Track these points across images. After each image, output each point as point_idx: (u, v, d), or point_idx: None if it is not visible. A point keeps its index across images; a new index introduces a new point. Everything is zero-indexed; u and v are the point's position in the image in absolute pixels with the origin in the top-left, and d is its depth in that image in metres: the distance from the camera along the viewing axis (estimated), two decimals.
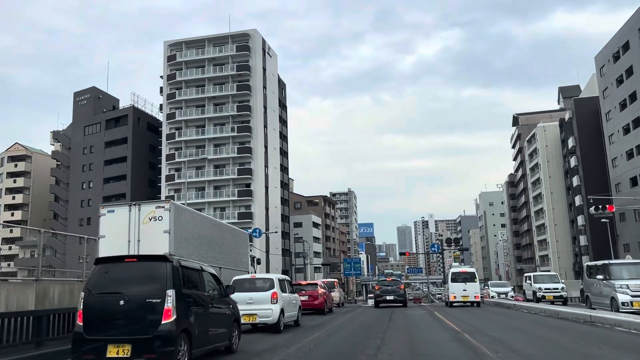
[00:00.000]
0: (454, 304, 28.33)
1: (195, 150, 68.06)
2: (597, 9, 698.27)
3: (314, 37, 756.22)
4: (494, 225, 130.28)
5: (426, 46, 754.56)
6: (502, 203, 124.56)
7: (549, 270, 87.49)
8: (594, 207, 34.90)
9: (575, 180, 73.30)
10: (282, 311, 14.88)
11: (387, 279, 30.42)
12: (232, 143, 67.65)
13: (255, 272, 31.57)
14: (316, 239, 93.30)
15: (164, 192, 68.70)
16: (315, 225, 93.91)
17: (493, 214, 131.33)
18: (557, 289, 26.82)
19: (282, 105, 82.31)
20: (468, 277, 27.96)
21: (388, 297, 28.59)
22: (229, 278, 17.06)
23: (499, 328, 14.37)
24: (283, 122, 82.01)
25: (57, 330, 11.18)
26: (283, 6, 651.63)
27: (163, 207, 16.43)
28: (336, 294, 30.93)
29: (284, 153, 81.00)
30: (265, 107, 70.47)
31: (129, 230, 16.48)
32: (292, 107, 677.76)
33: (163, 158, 69.50)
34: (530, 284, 27.86)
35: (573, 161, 73.84)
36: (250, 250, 28.71)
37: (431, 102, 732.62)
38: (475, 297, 27.41)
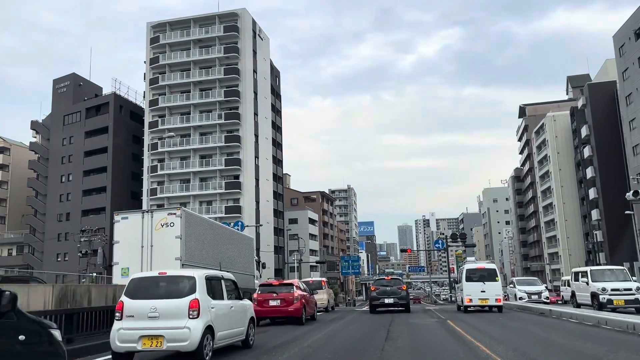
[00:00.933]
0: (470, 309, 22.34)
1: (180, 140, 62.14)
2: (597, 8, 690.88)
3: (314, 37, 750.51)
4: (498, 222, 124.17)
5: (426, 45, 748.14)
6: (507, 199, 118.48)
7: (559, 269, 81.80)
8: (632, 192, 28.94)
9: (590, 172, 67.22)
10: (209, 329, 8.91)
11: (386, 277, 24.45)
12: (219, 131, 61.67)
13: (259, 277, 25.96)
14: (313, 236, 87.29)
15: (146, 185, 62.72)
16: (312, 221, 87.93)
17: (497, 211, 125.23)
18: (630, 289, 18.90)
19: (276, 94, 76.40)
20: (486, 275, 22.00)
21: (387, 300, 22.59)
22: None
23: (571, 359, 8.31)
24: (277, 111, 76.08)
25: None
26: (283, 5, 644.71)
27: (175, 213, 16.90)
28: (323, 296, 24.97)
29: (277, 144, 75.04)
30: (255, 93, 64.49)
31: (142, 236, 16.82)
32: (293, 107, 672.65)
33: (145, 148, 63.57)
34: (587, 283, 20.12)
35: (587, 151, 67.73)
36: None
37: (431, 101, 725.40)
38: (496, 300, 21.43)
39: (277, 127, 75.39)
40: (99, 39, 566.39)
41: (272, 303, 17.34)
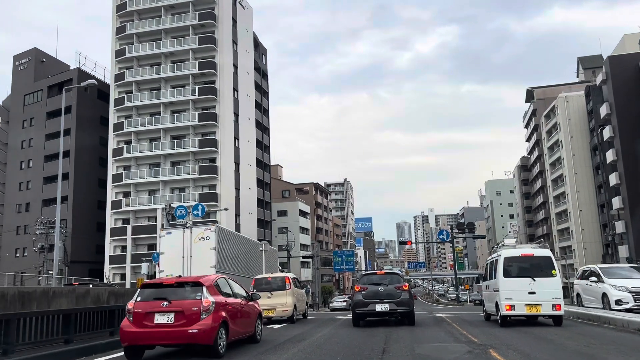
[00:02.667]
0: (511, 319, 14.03)
1: (149, 118, 53.81)
2: (594, 5, 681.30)
3: (310, 34, 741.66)
4: (502, 215, 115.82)
5: (423, 42, 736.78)
6: (511, 192, 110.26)
7: (573, 264, 73.52)
8: None
9: (610, 155, 58.90)
10: None
11: (378, 272, 16.18)
12: (193, 108, 53.31)
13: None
14: (304, 230, 79.03)
15: (111, 170, 54.51)
16: (303, 214, 79.63)
17: (501, 204, 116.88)
18: None
19: (262, 73, 68.13)
20: (536, 267, 13.63)
21: (378, 307, 14.24)
22: None
23: None
24: (263, 92, 67.84)
25: None
26: (279, 2, 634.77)
27: (210, 229, 20.18)
28: (285, 301, 16.64)
29: (263, 128, 66.82)
30: (235, 67, 56.15)
31: (183, 248, 19.91)
32: (290, 104, 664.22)
33: (110, 128, 55.29)
34: None
35: (607, 132, 59.39)
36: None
37: (429, 98, 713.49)
38: (555, 306, 13.09)
39: (263, 110, 67.18)
40: (92, 36, 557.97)
41: (159, 319, 8.99)
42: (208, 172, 51.58)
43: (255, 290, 17.04)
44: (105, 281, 48.93)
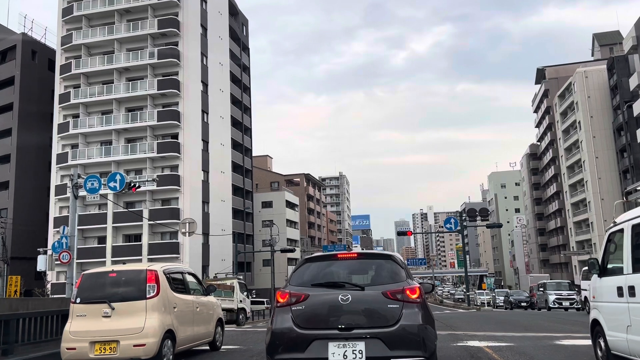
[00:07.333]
0: None
1: (100, 87, 44.37)
2: (589, 4, 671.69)
3: (306, 33, 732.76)
4: (507, 210, 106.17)
5: (418, 41, 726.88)
6: (517, 184, 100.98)
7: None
8: None
9: None
10: None
11: (339, 254, 5.57)
12: (152, 75, 43.80)
13: None
14: (292, 223, 69.50)
15: (56, 149, 45.06)
16: (291, 205, 70.07)
17: (505, 197, 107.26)
18: None
19: (242, 46, 58.79)
20: None
21: (337, 353, 4.79)
22: None
23: None
24: (244, 67, 58.54)
25: None
26: (274, 2, 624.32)
27: None
28: (142, 322, 7.01)
29: (244, 108, 57.49)
30: (204, 28, 46.76)
31: None
32: (288, 104, 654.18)
33: (55, 100, 45.86)
34: None
35: (638, 107, 50.00)
36: None
37: (425, 97, 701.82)
38: None
39: (243, 87, 57.84)
40: None
41: None
42: (169, 150, 42.14)
43: (78, 300, 7.57)
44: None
